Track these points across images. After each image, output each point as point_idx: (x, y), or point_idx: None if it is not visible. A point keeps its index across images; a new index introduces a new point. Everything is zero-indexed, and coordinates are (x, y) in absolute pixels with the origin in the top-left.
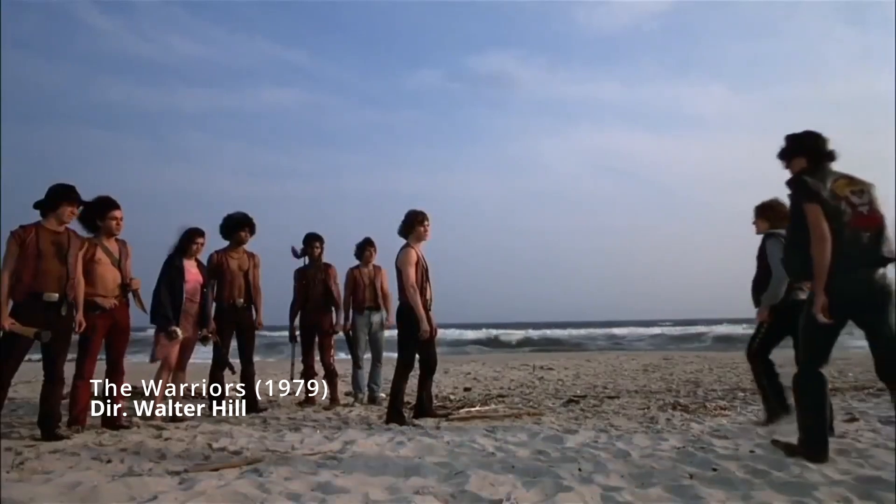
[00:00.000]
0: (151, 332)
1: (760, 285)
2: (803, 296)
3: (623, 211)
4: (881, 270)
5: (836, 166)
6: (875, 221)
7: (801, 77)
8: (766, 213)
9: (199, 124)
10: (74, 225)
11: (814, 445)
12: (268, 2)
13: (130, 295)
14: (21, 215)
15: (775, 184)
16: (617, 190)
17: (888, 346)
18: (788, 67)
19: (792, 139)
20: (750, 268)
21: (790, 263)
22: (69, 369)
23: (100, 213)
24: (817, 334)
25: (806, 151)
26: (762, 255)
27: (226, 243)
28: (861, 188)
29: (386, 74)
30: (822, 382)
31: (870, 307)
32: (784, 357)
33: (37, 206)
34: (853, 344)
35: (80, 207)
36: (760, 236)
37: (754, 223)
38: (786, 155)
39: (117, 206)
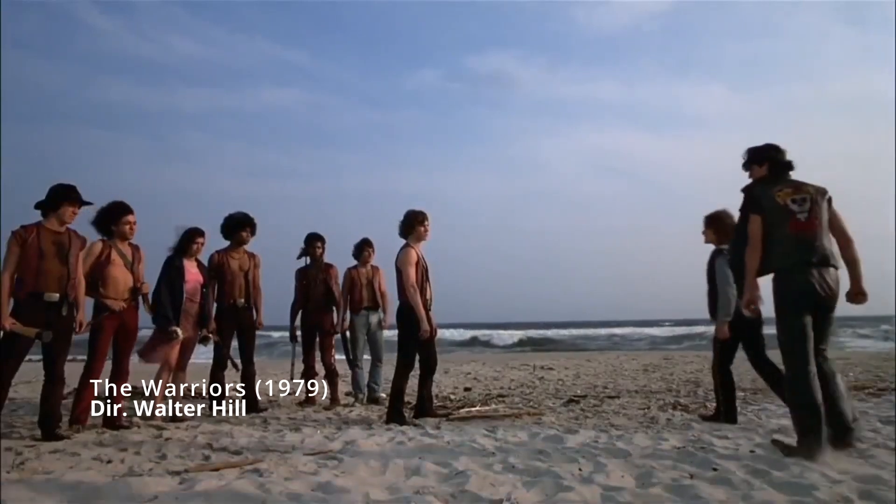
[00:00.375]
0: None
1: (714, 300)
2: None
3: (623, 211)
4: (829, 274)
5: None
6: (811, 228)
7: (801, 77)
8: (715, 223)
9: (199, 124)
10: (86, 228)
11: (811, 444)
12: (268, 2)
13: (140, 298)
14: (21, 215)
15: None
16: (617, 190)
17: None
18: (788, 67)
19: (752, 151)
20: None
21: (734, 264)
22: (69, 369)
23: (115, 217)
24: (791, 336)
25: (765, 161)
26: (711, 271)
27: (225, 243)
28: (803, 196)
29: (386, 74)
30: (811, 381)
31: (818, 303)
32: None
33: (38, 206)
34: (853, 344)
35: (82, 207)
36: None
37: (703, 233)
38: (748, 164)
39: (131, 211)
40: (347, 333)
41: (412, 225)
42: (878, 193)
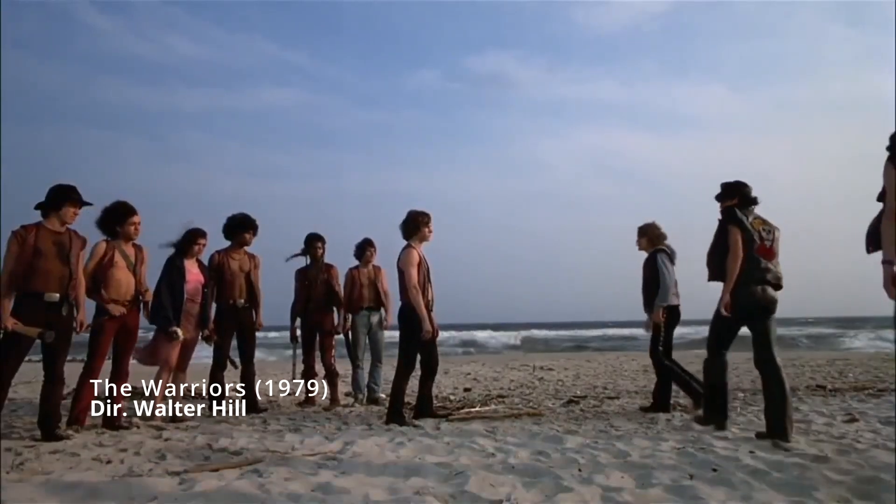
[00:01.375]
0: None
1: (651, 293)
2: (677, 300)
3: (623, 211)
4: (769, 289)
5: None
6: (773, 254)
7: (801, 77)
8: (647, 233)
9: (199, 124)
10: (87, 228)
11: (718, 415)
12: (268, 2)
13: (142, 303)
14: (21, 215)
15: (774, 183)
16: (616, 189)
17: (762, 345)
18: (788, 67)
19: (726, 186)
20: None
21: (711, 267)
22: (69, 369)
23: (120, 218)
24: (722, 328)
25: (736, 195)
26: (652, 267)
27: (225, 243)
28: (769, 228)
29: (385, 75)
30: (725, 365)
31: (758, 315)
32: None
33: (38, 207)
34: (853, 345)
35: (82, 207)
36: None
37: (637, 241)
38: (721, 197)
39: (136, 212)
40: (349, 333)
41: (416, 226)
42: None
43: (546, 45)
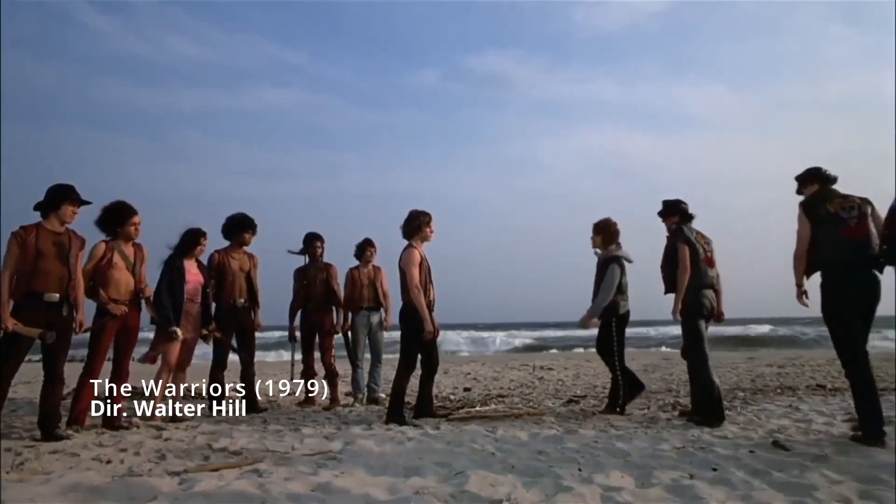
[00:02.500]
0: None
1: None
2: (628, 306)
3: (622, 211)
4: (711, 293)
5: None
6: (713, 262)
7: (801, 77)
8: (602, 231)
9: (199, 124)
10: (86, 228)
11: (712, 412)
12: (268, 2)
13: (143, 301)
14: (21, 215)
15: (773, 182)
16: (616, 189)
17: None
18: (788, 67)
19: (668, 203)
20: (748, 267)
21: (666, 279)
22: (69, 369)
23: (121, 219)
24: (690, 332)
25: (677, 212)
26: (599, 274)
27: (224, 242)
28: (707, 240)
29: (385, 74)
30: (707, 365)
31: (708, 316)
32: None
33: (37, 207)
34: None
35: (81, 207)
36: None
37: (592, 238)
38: (664, 214)
39: (136, 212)
40: (349, 333)
41: (417, 225)
42: (877, 195)
43: (546, 45)
